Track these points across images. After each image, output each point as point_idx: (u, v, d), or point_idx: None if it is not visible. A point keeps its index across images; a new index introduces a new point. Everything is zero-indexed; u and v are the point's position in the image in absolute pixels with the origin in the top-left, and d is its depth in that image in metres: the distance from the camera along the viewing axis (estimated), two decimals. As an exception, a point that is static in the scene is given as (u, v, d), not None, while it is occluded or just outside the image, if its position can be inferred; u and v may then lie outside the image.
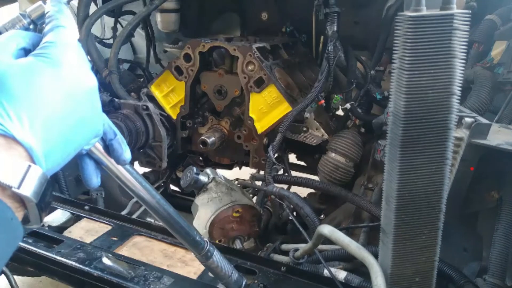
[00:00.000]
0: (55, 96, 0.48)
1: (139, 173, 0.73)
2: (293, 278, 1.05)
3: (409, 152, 0.72)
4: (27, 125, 0.45)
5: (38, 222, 0.48)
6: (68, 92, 0.49)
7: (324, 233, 0.98)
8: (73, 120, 0.50)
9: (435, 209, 0.77)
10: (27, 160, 0.45)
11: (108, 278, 1.01)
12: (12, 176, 0.43)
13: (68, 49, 0.51)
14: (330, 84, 1.54)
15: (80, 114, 0.51)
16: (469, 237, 1.14)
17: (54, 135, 0.48)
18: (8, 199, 0.44)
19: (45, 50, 0.49)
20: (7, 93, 0.44)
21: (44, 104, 0.47)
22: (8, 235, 0.43)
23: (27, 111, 0.45)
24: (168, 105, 1.72)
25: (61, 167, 0.52)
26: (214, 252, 0.87)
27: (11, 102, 0.44)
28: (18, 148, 0.44)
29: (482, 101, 1.18)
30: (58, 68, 0.49)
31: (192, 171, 1.38)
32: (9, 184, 0.43)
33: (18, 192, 0.44)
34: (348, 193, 1.38)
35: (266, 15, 1.92)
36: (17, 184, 0.43)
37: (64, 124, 0.49)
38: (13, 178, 0.43)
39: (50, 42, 0.50)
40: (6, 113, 0.44)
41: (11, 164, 0.43)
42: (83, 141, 0.54)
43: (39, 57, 0.49)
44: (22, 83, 0.46)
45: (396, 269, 0.83)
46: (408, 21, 0.65)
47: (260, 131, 1.59)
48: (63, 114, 0.49)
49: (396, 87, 0.71)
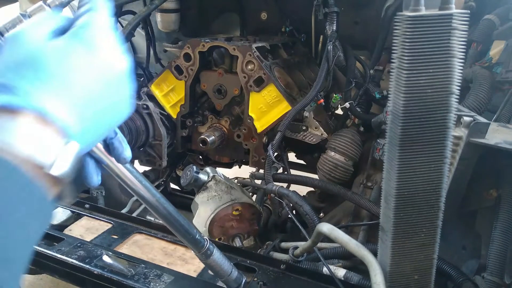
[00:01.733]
0: (89, 77, 0.48)
1: (139, 171, 0.73)
2: (293, 275, 1.06)
3: (408, 151, 0.72)
4: (62, 104, 0.45)
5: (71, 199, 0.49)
6: (101, 74, 0.50)
7: (324, 231, 0.98)
8: (105, 101, 0.50)
9: (433, 208, 0.77)
10: (62, 139, 0.45)
11: (109, 276, 1.02)
12: (48, 154, 0.43)
13: (101, 32, 0.51)
14: (329, 84, 1.54)
15: (112, 96, 0.51)
16: (468, 235, 1.15)
17: (88, 116, 0.48)
18: (43, 176, 0.44)
19: (78, 31, 0.49)
20: (42, 71, 0.45)
21: (78, 84, 0.47)
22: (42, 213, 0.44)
23: (63, 89, 0.46)
24: (168, 104, 1.73)
25: None
26: (214, 250, 0.88)
27: (47, 80, 0.45)
28: (53, 126, 0.44)
29: (480, 100, 1.18)
30: (91, 49, 0.49)
31: (192, 170, 1.38)
32: (44, 162, 0.43)
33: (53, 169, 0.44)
34: (347, 192, 1.39)
35: (266, 15, 1.92)
36: (52, 162, 0.44)
37: (97, 105, 0.49)
38: (48, 156, 0.43)
39: (84, 24, 0.50)
40: (42, 91, 0.44)
41: (46, 142, 0.44)
42: (113, 124, 0.54)
43: (73, 38, 0.49)
44: (57, 62, 0.46)
45: (395, 267, 0.83)
46: (407, 21, 0.65)
47: (260, 130, 1.59)
48: (96, 95, 0.49)
49: (395, 86, 0.71)
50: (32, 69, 0.45)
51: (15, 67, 0.45)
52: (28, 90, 0.44)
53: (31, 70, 0.45)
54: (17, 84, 0.44)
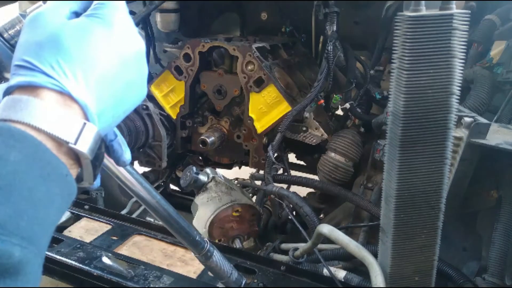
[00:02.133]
0: (108, 56, 0.49)
1: (138, 172, 0.73)
2: (293, 277, 1.06)
3: (408, 151, 0.72)
4: (82, 83, 0.46)
5: (91, 180, 0.49)
6: (119, 53, 0.50)
7: (324, 233, 0.98)
8: (123, 81, 0.51)
9: (434, 209, 0.77)
10: (82, 118, 0.46)
11: (108, 277, 1.01)
12: (69, 132, 0.44)
13: (118, 11, 0.51)
14: (329, 84, 1.54)
15: (130, 76, 0.52)
16: (469, 236, 1.14)
17: (107, 95, 0.49)
18: (64, 155, 0.44)
19: (96, 11, 0.50)
20: (62, 51, 0.45)
21: (98, 63, 0.48)
22: (64, 191, 0.44)
23: (82, 69, 0.46)
24: (168, 105, 1.72)
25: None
26: (213, 252, 0.87)
27: (67, 59, 0.45)
28: (73, 105, 0.45)
29: (481, 101, 1.18)
30: (109, 28, 0.49)
31: (191, 171, 1.38)
32: (66, 140, 0.43)
33: (74, 148, 0.44)
34: (348, 193, 1.38)
35: (266, 15, 1.92)
36: (73, 140, 0.44)
37: (116, 85, 0.50)
38: (70, 134, 0.44)
39: (101, 5, 0.51)
40: (63, 71, 0.45)
41: (68, 120, 0.44)
42: (131, 104, 0.54)
43: (91, 17, 0.49)
44: (77, 42, 0.47)
45: (395, 269, 0.83)
46: (408, 21, 0.65)
47: (260, 131, 1.59)
48: (114, 74, 0.49)
49: (396, 86, 0.71)
50: (52, 49, 0.45)
51: (36, 47, 0.46)
52: (49, 70, 0.44)
53: (52, 50, 0.45)
54: (39, 64, 0.44)
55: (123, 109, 0.53)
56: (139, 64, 0.53)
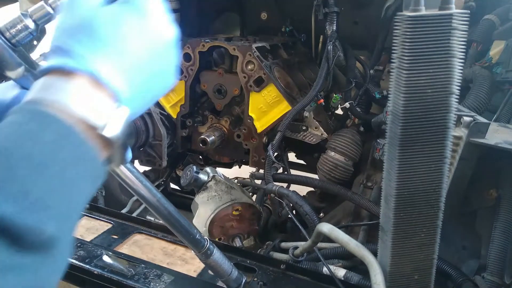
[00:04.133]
0: (140, 43, 0.49)
1: (139, 171, 0.73)
2: (293, 275, 1.06)
3: (408, 151, 0.72)
4: (114, 68, 0.46)
5: (120, 163, 0.50)
6: (151, 41, 0.50)
7: (324, 231, 0.98)
8: (153, 69, 0.51)
9: (433, 208, 0.77)
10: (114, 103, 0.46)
11: (109, 276, 1.02)
12: (100, 116, 0.44)
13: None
14: (329, 84, 1.54)
15: (159, 64, 0.52)
16: (468, 235, 1.15)
17: (137, 82, 0.49)
18: (94, 139, 0.45)
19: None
20: (96, 36, 0.46)
21: (130, 50, 0.48)
22: (93, 174, 0.45)
23: (115, 54, 0.47)
24: (168, 104, 1.73)
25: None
26: (214, 250, 0.88)
27: (100, 44, 0.46)
28: (105, 90, 0.46)
29: (480, 100, 1.18)
30: (142, 16, 0.50)
31: (192, 170, 1.38)
32: (97, 124, 0.44)
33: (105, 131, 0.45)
34: (348, 192, 1.39)
35: (266, 15, 1.92)
36: (104, 124, 0.44)
37: (146, 71, 0.50)
38: (101, 118, 0.44)
39: None
40: (96, 55, 0.45)
41: (99, 104, 0.45)
42: (159, 92, 0.55)
43: (125, 4, 0.50)
44: (110, 28, 0.47)
45: (395, 267, 0.83)
46: (407, 21, 0.65)
47: (260, 130, 1.59)
48: (145, 61, 0.50)
49: (395, 86, 0.71)
50: (86, 34, 0.46)
51: (71, 31, 0.46)
52: (82, 54, 0.45)
53: (86, 35, 0.46)
54: (73, 48, 0.45)
55: (151, 96, 0.53)
56: (170, 52, 0.54)
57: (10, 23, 0.58)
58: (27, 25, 0.59)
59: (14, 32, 0.58)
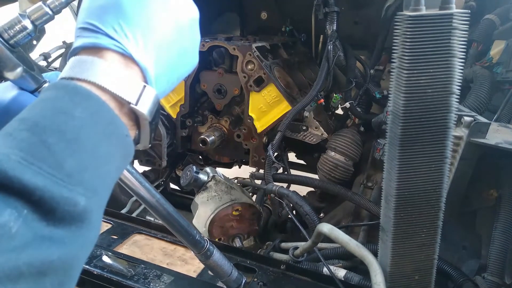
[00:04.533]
0: (165, 21, 0.50)
1: (138, 172, 0.73)
2: (293, 276, 1.06)
3: (408, 150, 0.72)
4: (142, 46, 0.47)
5: (147, 143, 0.51)
6: (175, 19, 0.51)
7: (324, 231, 0.98)
8: (178, 47, 0.52)
9: (434, 208, 0.77)
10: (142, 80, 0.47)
11: (108, 276, 1.02)
12: (131, 94, 0.45)
13: None
14: (329, 83, 1.54)
15: (184, 43, 0.53)
16: (468, 235, 1.14)
17: (163, 60, 0.50)
18: (125, 116, 0.46)
19: None
20: (124, 15, 0.47)
21: (156, 28, 0.49)
22: (123, 151, 0.45)
23: (142, 32, 0.47)
24: (168, 104, 1.72)
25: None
26: (213, 251, 0.87)
27: (128, 23, 0.47)
28: (134, 67, 0.47)
29: (481, 100, 1.18)
30: None
31: (191, 170, 1.38)
32: (128, 100, 0.45)
33: (136, 109, 0.46)
34: (348, 192, 1.39)
35: (266, 15, 1.92)
36: (135, 101, 0.45)
37: (172, 50, 0.51)
38: (132, 95, 0.45)
39: None
40: (124, 33, 0.46)
41: (130, 81, 0.45)
42: (185, 71, 0.55)
43: None
44: (136, 6, 0.48)
45: (395, 267, 0.83)
46: (407, 20, 0.65)
47: (260, 130, 1.59)
48: (171, 40, 0.51)
49: (396, 86, 0.71)
50: (114, 13, 0.47)
51: (99, 10, 0.47)
52: (111, 32, 0.46)
53: (114, 14, 0.47)
54: (102, 26, 0.46)
55: (177, 75, 0.54)
56: (193, 31, 0.55)
57: (8, 24, 0.58)
58: (25, 26, 0.59)
59: (12, 33, 0.58)
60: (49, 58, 2.07)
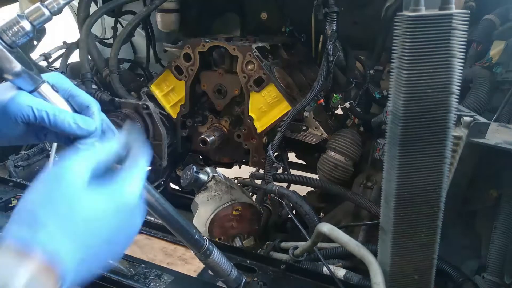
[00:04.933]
0: (110, 232, 0.52)
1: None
2: (293, 275, 1.06)
3: (408, 151, 0.72)
4: (75, 255, 0.48)
5: None
6: (122, 231, 0.55)
7: (324, 231, 0.98)
8: (112, 251, 0.55)
9: (433, 208, 0.77)
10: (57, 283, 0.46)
11: (108, 276, 1.01)
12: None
13: (133, 196, 0.56)
14: (329, 84, 1.54)
15: (116, 252, 0.56)
16: (468, 235, 1.15)
17: (93, 267, 0.52)
18: None
19: (117, 193, 0.54)
20: (71, 222, 0.48)
21: (98, 240, 0.51)
22: None
23: (82, 241, 0.49)
24: (168, 104, 1.73)
25: None
26: (213, 250, 0.87)
27: (73, 230, 0.48)
28: (55, 276, 0.46)
29: (480, 100, 1.18)
30: (119, 210, 0.53)
31: (192, 170, 1.38)
32: None
33: None
34: (348, 192, 1.39)
35: (266, 15, 1.92)
36: None
37: (102, 256, 0.53)
38: None
39: (124, 186, 0.55)
40: (63, 240, 0.47)
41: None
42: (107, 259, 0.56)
43: (110, 201, 0.53)
44: (88, 220, 0.49)
45: (395, 267, 0.83)
46: (407, 21, 0.65)
47: (260, 130, 1.59)
48: (105, 250, 0.53)
49: (395, 86, 0.71)
50: (62, 216, 0.47)
51: (48, 208, 0.47)
52: (50, 235, 0.46)
53: (61, 217, 0.47)
54: (43, 226, 0.46)
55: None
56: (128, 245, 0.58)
57: (6, 24, 0.59)
58: (23, 27, 0.59)
59: (10, 34, 0.58)
60: (50, 58, 2.07)
